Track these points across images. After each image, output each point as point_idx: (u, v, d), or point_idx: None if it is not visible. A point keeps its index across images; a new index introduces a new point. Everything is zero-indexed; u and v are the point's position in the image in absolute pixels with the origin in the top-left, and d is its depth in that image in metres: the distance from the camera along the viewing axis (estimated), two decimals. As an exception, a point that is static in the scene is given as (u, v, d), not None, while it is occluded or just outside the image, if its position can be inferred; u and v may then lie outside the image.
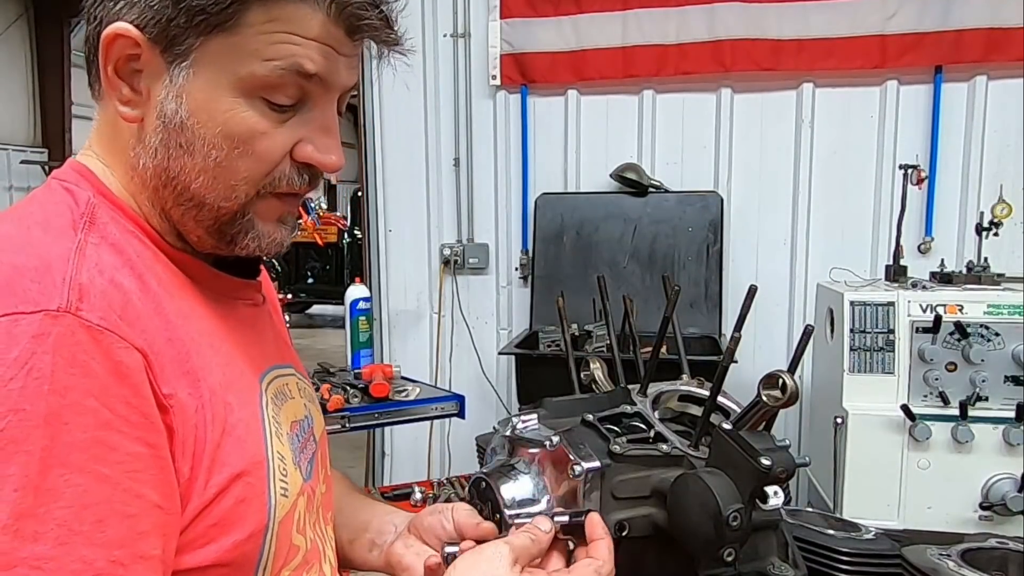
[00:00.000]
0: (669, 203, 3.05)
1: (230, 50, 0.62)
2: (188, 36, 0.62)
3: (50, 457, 0.51)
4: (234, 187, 0.66)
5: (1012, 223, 2.62)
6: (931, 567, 1.02)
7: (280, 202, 0.70)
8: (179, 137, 0.64)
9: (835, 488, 2.14)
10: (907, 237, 2.66)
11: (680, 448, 0.87)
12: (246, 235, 0.69)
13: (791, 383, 0.79)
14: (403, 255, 3.46)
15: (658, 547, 0.85)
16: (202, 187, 0.66)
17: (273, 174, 0.67)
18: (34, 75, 5.58)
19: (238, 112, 0.64)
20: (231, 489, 0.62)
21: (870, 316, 2.16)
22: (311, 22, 0.62)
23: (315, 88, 0.66)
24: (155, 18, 0.61)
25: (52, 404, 0.51)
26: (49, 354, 0.52)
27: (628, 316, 1.29)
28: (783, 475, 0.77)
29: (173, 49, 0.62)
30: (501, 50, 3.19)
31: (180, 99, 0.63)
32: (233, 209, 0.67)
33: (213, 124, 0.64)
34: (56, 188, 0.68)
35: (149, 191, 0.68)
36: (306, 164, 0.69)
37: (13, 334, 0.52)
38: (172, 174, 0.66)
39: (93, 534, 0.51)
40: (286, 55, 0.62)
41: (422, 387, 2.47)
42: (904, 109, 2.87)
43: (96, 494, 0.52)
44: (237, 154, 0.65)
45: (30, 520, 0.49)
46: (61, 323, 0.53)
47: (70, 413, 0.52)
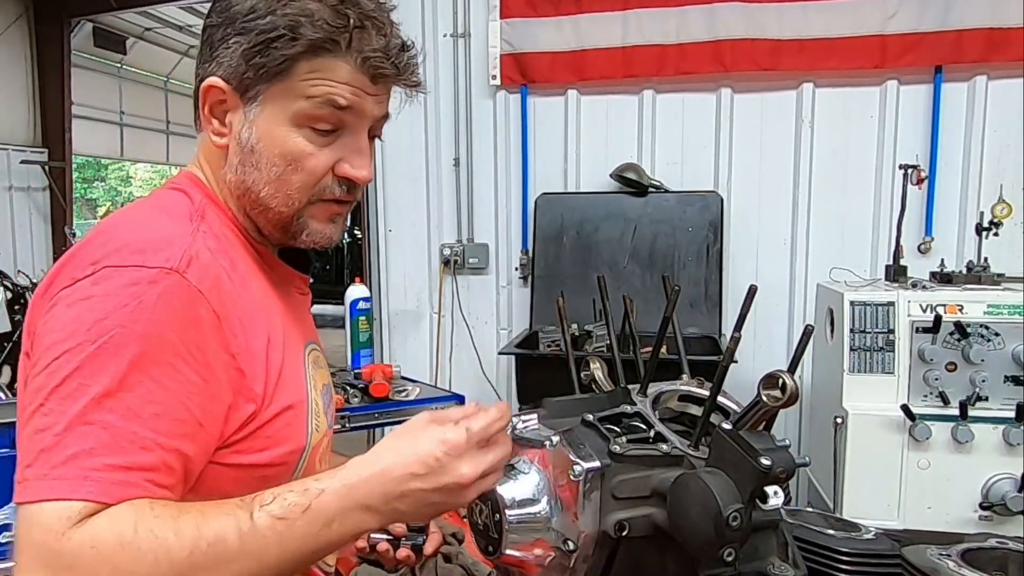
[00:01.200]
0: (669, 203, 3.05)
1: (285, 92, 0.86)
2: (257, 84, 0.86)
3: (136, 363, 0.72)
4: (290, 195, 0.89)
5: (1012, 223, 2.63)
6: (931, 567, 1.02)
7: (328, 206, 0.92)
8: (251, 158, 0.88)
9: (835, 488, 2.14)
10: (907, 237, 2.66)
11: (680, 448, 0.87)
12: (303, 232, 0.92)
13: (791, 383, 0.78)
14: (403, 255, 3.47)
15: (658, 547, 0.85)
16: (267, 195, 0.89)
17: (319, 185, 0.90)
18: (34, 75, 5.57)
19: (292, 138, 0.87)
20: (283, 415, 0.87)
21: (870, 316, 2.16)
22: (341, 71, 0.85)
23: (349, 118, 0.88)
24: (234, 73, 0.86)
25: (147, 328, 0.73)
26: (155, 296, 0.74)
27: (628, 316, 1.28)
28: (783, 475, 0.77)
29: (247, 93, 0.87)
30: (501, 50, 3.20)
31: (252, 129, 0.87)
32: (291, 213, 0.90)
33: (274, 147, 0.87)
34: (175, 190, 0.91)
35: (235, 198, 0.92)
36: (344, 177, 0.91)
37: (135, 278, 0.74)
38: (247, 185, 0.89)
39: (148, 421, 0.72)
40: (323, 93, 0.85)
41: (422, 387, 2.47)
42: (904, 109, 2.87)
43: (159, 396, 0.73)
44: (291, 170, 0.88)
45: (109, 399, 0.71)
46: (170, 278, 0.76)
47: (156, 339, 0.74)
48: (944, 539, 1.14)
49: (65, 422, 0.69)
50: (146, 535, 0.68)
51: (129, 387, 0.72)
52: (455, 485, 0.77)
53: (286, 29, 0.83)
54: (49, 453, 0.69)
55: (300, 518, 0.73)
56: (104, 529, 0.67)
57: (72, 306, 0.74)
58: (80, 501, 0.68)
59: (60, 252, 5.42)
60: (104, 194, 19.39)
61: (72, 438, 0.69)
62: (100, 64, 9.40)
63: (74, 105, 5.93)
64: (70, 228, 5.66)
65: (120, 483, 0.70)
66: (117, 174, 19.33)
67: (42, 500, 0.68)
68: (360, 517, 0.76)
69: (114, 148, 10.97)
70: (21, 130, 5.54)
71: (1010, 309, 2.05)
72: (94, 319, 0.72)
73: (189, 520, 0.70)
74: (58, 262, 0.81)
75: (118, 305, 0.73)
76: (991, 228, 2.49)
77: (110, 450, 0.70)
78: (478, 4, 3.24)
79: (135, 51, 9.84)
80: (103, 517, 0.68)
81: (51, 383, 0.71)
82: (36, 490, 0.68)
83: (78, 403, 0.70)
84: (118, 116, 10.54)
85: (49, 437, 0.69)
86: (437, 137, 3.38)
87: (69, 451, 0.69)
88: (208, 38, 0.89)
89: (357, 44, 0.85)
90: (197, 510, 0.71)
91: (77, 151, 7.22)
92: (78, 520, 0.67)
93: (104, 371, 0.71)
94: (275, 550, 0.72)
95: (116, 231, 0.80)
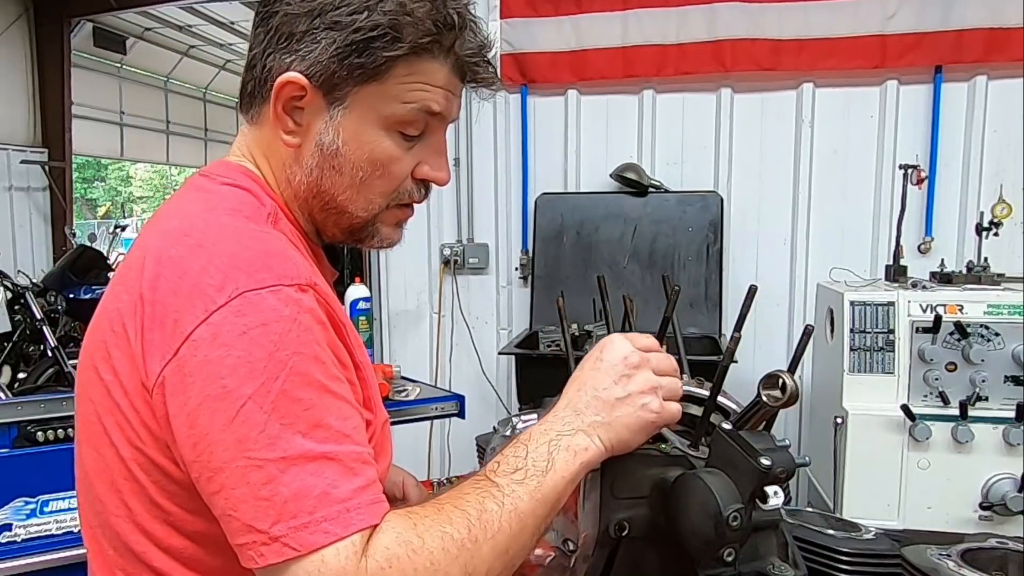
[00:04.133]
0: (669, 203, 3.05)
1: (378, 95, 0.81)
2: (347, 84, 0.80)
3: (321, 385, 0.71)
4: (371, 200, 0.86)
5: (1012, 223, 2.63)
6: (931, 567, 1.02)
7: (399, 211, 0.90)
8: (333, 160, 0.83)
9: (835, 488, 2.14)
10: (907, 237, 2.66)
11: (680, 448, 0.87)
12: (373, 237, 0.90)
13: (791, 383, 0.78)
14: (403, 255, 3.46)
15: (658, 547, 0.85)
16: (347, 200, 0.86)
17: (399, 189, 0.87)
18: (34, 75, 5.57)
19: (381, 142, 0.83)
20: (384, 430, 0.87)
21: (870, 316, 2.16)
22: (439, 74, 0.82)
23: (435, 121, 0.86)
24: (323, 71, 0.79)
25: (314, 349, 0.71)
26: (307, 313, 0.72)
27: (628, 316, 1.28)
28: (783, 475, 0.77)
29: (334, 93, 0.81)
30: (501, 50, 3.19)
31: (337, 132, 0.82)
32: (368, 218, 0.88)
33: (361, 151, 0.83)
34: (235, 187, 0.84)
35: (300, 200, 0.87)
36: (423, 180, 0.88)
37: (282, 299, 0.71)
38: (323, 188, 0.85)
39: (354, 437, 0.71)
40: (420, 99, 0.82)
41: (422, 387, 2.46)
42: (904, 109, 2.87)
43: (347, 411, 0.72)
44: (377, 175, 0.85)
45: (319, 429, 0.69)
46: (308, 293, 0.73)
47: (325, 356, 0.72)
48: (944, 539, 1.14)
49: (293, 467, 0.67)
50: (428, 534, 0.68)
51: (327, 410, 0.70)
52: (640, 382, 0.79)
53: (389, 28, 0.77)
54: (295, 502, 0.66)
55: (527, 464, 0.75)
56: (391, 546, 0.67)
57: (230, 345, 0.68)
58: (356, 534, 0.66)
59: (60, 252, 5.44)
60: (104, 194, 19.39)
61: (309, 479, 0.67)
62: (100, 64, 9.40)
63: (74, 105, 5.94)
64: (70, 228, 5.66)
65: (373, 502, 0.69)
66: (117, 174, 19.34)
67: (319, 548, 0.65)
68: (570, 441, 0.77)
69: (114, 148, 10.97)
70: (21, 130, 5.54)
71: (1010, 309, 2.05)
72: (266, 354, 0.68)
73: (449, 507, 0.71)
74: (143, 280, 0.74)
75: (283, 333, 0.69)
76: (991, 228, 2.48)
77: (348, 476, 0.68)
78: (478, 4, 3.23)
79: (135, 51, 9.84)
80: (382, 537, 0.67)
81: (253, 432, 0.67)
82: (305, 541, 0.65)
83: (293, 443, 0.67)
84: (118, 116, 10.54)
85: (283, 487, 0.66)
86: (437, 137, 3.38)
87: (316, 492, 0.66)
88: (283, 27, 0.81)
89: (458, 46, 0.82)
90: (447, 498, 0.73)
91: (77, 151, 7.22)
92: (362, 552, 0.66)
93: (301, 403, 0.68)
94: (526, 499, 0.73)
95: (215, 244, 0.74)
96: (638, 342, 0.83)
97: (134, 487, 0.77)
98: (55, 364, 3.95)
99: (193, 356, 0.69)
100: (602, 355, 0.81)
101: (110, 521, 0.79)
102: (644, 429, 0.80)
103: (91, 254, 4.99)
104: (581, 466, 0.76)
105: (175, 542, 0.77)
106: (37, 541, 2.01)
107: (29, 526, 2.01)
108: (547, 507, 0.74)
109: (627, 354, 0.80)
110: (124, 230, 6.64)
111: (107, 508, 0.79)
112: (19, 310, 4.08)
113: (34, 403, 2.09)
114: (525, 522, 0.73)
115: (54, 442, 2.04)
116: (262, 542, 0.66)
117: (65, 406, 2.05)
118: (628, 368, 0.80)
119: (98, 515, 0.81)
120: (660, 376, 0.81)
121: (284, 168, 0.86)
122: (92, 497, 0.81)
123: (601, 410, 0.78)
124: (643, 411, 0.79)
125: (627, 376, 0.80)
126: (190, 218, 0.80)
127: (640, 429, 0.79)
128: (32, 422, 2.04)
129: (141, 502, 0.77)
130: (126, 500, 0.77)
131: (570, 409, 0.79)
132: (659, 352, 0.84)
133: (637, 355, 0.81)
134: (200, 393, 0.68)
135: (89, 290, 4.59)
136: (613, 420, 0.78)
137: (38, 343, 4.12)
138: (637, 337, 0.84)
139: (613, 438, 0.78)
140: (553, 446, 0.76)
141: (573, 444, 0.76)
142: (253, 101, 0.86)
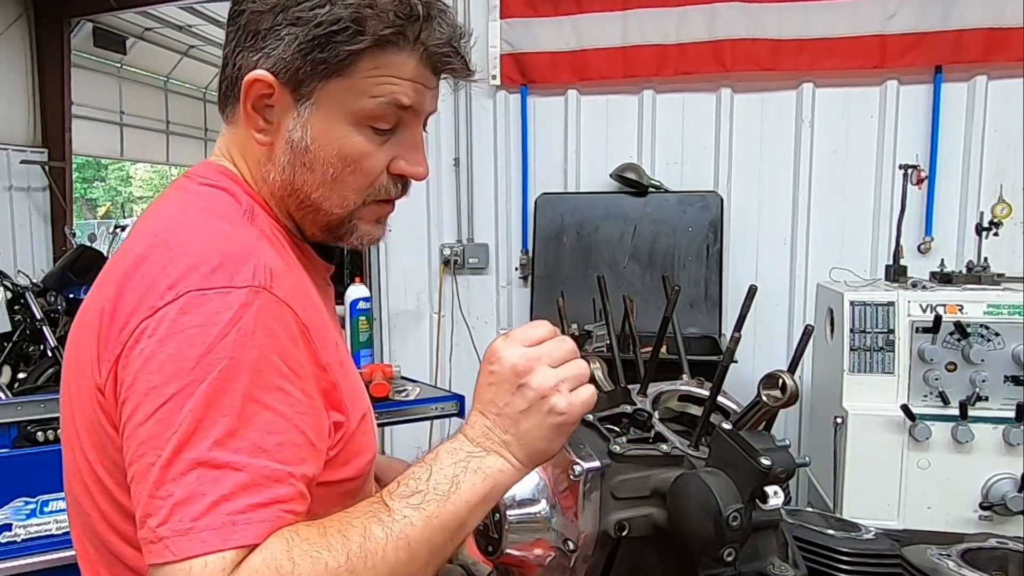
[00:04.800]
0: (669, 203, 3.05)
1: (345, 90, 0.79)
2: (313, 80, 0.79)
3: (249, 395, 0.68)
4: (345, 196, 0.84)
5: (1012, 223, 2.63)
6: (931, 567, 1.02)
7: (378, 207, 0.88)
8: (303, 158, 0.82)
9: (835, 488, 2.14)
10: (907, 237, 2.66)
11: (680, 448, 0.87)
12: (351, 234, 0.88)
13: (791, 383, 0.79)
14: (403, 255, 3.46)
15: (658, 547, 0.85)
16: (320, 197, 0.84)
17: (375, 185, 0.85)
18: (34, 75, 5.56)
19: (350, 138, 0.81)
20: (361, 425, 0.84)
21: (870, 316, 2.16)
22: (407, 66, 0.80)
23: (407, 115, 0.83)
24: (287, 68, 0.78)
25: (253, 355, 0.69)
26: (252, 318, 0.69)
27: (628, 316, 1.29)
28: (783, 475, 0.77)
29: (300, 90, 0.80)
30: (501, 50, 3.20)
31: (305, 128, 0.81)
32: (344, 215, 0.85)
33: (331, 148, 0.81)
34: (213, 187, 0.84)
35: (277, 198, 0.86)
36: (399, 175, 0.86)
37: (227, 301, 0.69)
38: (296, 186, 0.84)
39: (274, 452, 0.68)
40: (388, 93, 0.80)
41: (422, 387, 2.46)
42: (904, 109, 2.87)
43: (278, 425, 0.69)
44: (349, 171, 0.82)
45: (233, 439, 0.67)
46: (261, 296, 0.71)
47: (264, 364, 0.69)
48: (944, 539, 1.14)
49: (194, 470, 0.65)
50: (301, 560, 0.65)
51: (249, 421, 0.68)
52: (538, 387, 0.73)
53: (351, 21, 0.76)
54: (185, 506, 0.64)
55: (427, 487, 0.70)
56: (261, 567, 0.64)
57: (165, 341, 0.68)
58: (232, 550, 0.64)
59: (60, 252, 5.44)
60: (104, 194, 19.39)
61: (205, 485, 0.65)
62: (100, 64, 9.39)
63: (74, 105, 5.93)
64: (70, 228, 5.66)
65: (265, 521, 0.66)
66: (117, 174, 19.33)
67: (190, 557, 0.63)
68: (480, 463, 0.72)
69: (114, 148, 10.96)
70: (21, 130, 5.53)
71: (1010, 309, 2.05)
72: (197, 355, 0.67)
73: (333, 531, 0.68)
74: (113, 281, 0.74)
75: (218, 336, 0.68)
76: (991, 228, 2.49)
77: (248, 490, 0.66)
78: (478, 4, 3.24)
79: (135, 51, 9.83)
80: (256, 557, 0.65)
81: (167, 431, 0.66)
82: (183, 547, 0.64)
83: (202, 448, 0.66)
84: (118, 116, 10.53)
85: (179, 488, 0.65)
86: (437, 137, 3.38)
87: (207, 499, 0.65)
88: (250, 25, 0.80)
89: (424, 37, 0.79)
90: (335, 519, 0.69)
91: (77, 151, 7.21)
92: (232, 568, 0.64)
93: (221, 409, 0.67)
94: (420, 526, 0.69)
95: (180, 245, 0.73)
96: (526, 336, 0.76)
97: (101, 488, 0.77)
98: (55, 364, 3.95)
99: (133, 348, 0.69)
100: (492, 368, 0.75)
101: (88, 521, 0.80)
102: (559, 432, 0.74)
103: (91, 254, 4.98)
104: (493, 489, 0.73)
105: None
106: (37, 541, 2.01)
107: (29, 526, 2.01)
108: (445, 535, 0.70)
109: (514, 361, 0.74)
110: (124, 230, 6.62)
111: (84, 508, 0.80)
112: (19, 310, 4.07)
113: (34, 403, 2.09)
114: (415, 551, 0.69)
115: (54, 442, 2.04)
116: (150, 539, 0.65)
117: (65, 406, 2.05)
118: (520, 376, 0.74)
119: (79, 516, 0.82)
120: (558, 368, 0.75)
121: (259, 167, 0.86)
122: (72, 498, 0.83)
123: (509, 427, 0.74)
124: (551, 416, 0.73)
125: (523, 384, 0.73)
126: (165, 219, 0.80)
127: (555, 434, 0.74)
128: (32, 422, 2.04)
129: (109, 502, 0.77)
130: (97, 501, 0.78)
131: (478, 428, 0.75)
132: (550, 339, 0.76)
133: (524, 358, 0.74)
134: (131, 385, 0.69)
135: (89, 290, 4.59)
136: (522, 434, 0.74)
137: (38, 343, 4.11)
138: (520, 334, 0.77)
139: (529, 453, 0.74)
140: (460, 467, 0.72)
141: (484, 466, 0.73)
142: (227, 101, 0.86)
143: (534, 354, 0.75)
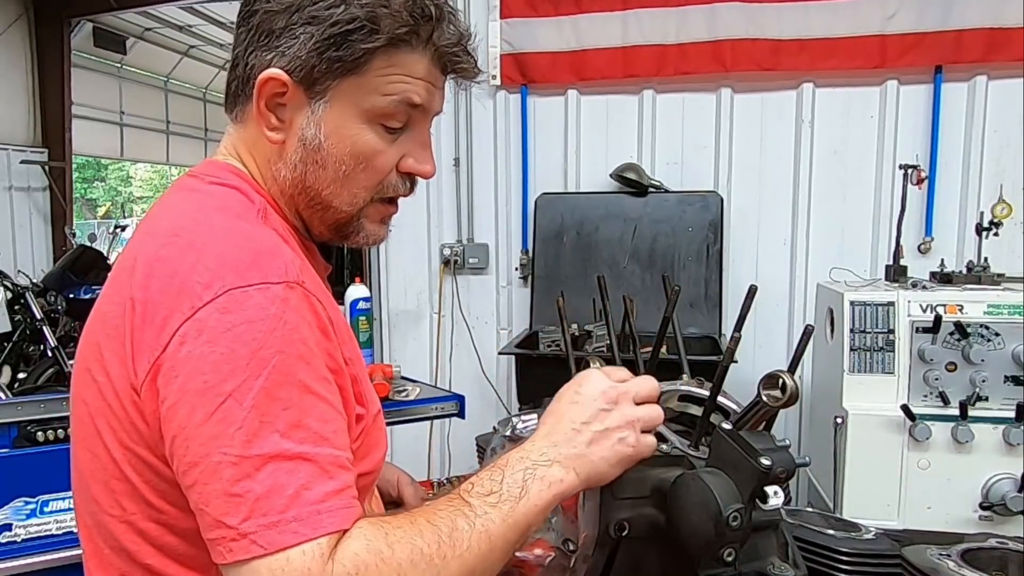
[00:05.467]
0: (669, 203, 3.05)
1: (358, 88, 0.82)
2: (327, 79, 0.81)
3: (304, 386, 0.71)
4: (355, 194, 0.86)
5: (1012, 223, 2.63)
6: (931, 567, 1.02)
7: (383, 207, 0.90)
8: (316, 155, 0.84)
9: (835, 488, 2.14)
10: (907, 237, 2.66)
11: (680, 448, 0.87)
12: (357, 233, 0.90)
13: (791, 383, 0.79)
14: (403, 255, 3.46)
15: (658, 547, 0.85)
16: (331, 194, 0.86)
17: (384, 183, 0.87)
18: (34, 75, 5.57)
19: (363, 136, 0.83)
20: (376, 421, 0.87)
21: (870, 316, 2.16)
22: (419, 66, 0.83)
23: (417, 114, 0.86)
24: (302, 66, 0.80)
25: (300, 348, 0.71)
26: (293, 312, 0.72)
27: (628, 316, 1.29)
28: (783, 475, 0.77)
29: (314, 88, 0.81)
30: (501, 50, 3.19)
31: (319, 126, 0.83)
32: (352, 212, 0.87)
33: (343, 145, 0.83)
34: (224, 186, 0.85)
35: (286, 196, 0.88)
36: (408, 173, 0.88)
37: (268, 297, 0.71)
38: (308, 184, 0.85)
39: (333, 439, 0.71)
40: (400, 91, 0.82)
41: (422, 387, 2.46)
42: (904, 109, 2.86)
43: (330, 413, 0.72)
44: (360, 168, 0.85)
45: (298, 430, 0.69)
46: (295, 291, 0.73)
47: (310, 356, 0.72)
48: (944, 539, 1.14)
49: (268, 464, 0.67)
50: (398, 544, 0.68)
51: (308, 411, 0.70)
52: (619, 416, 0.80)
53: (366, 20, 0.78)
54: (268, 499, 0.66)
55: (501, 488, 0.75)
56: (360, 552, 0.67)
57: (214, 341, 0.69)
58: (324, 536, 0.66)
59: (60, 252, 5.44)
60: (104, 194, 19.39)
61: (282, 477, 0.67)
62: (100, 64, 9.39)
63: (74, 105, 5.94)
64: (70, 228, 5.66)
65: (345, 507, 0.69)
66: (117, 174, 19.33)
67: (286, 548, 0.65)
68: (545, 471, 0.77)
69: (114, 148, 10.97)
70: (21, 130, 5.54)
71: (1010, 309, 2.05)
72: (249, 351, 0.69)
73: (422, 520, 0.71)
74: (134, 280, 0.75)
75: (267, 331, 0.69)
76: (991, 228, 2.48)
77: (321, 479, 0.68)
78: (478, 4, 3.24)
79: (135, 51, 9.84)
80: (352, 543, 0.67)
81: (230, 428, 0.67)
82: (273, 540, 0.65)
83: (271, 441, 0.67)
84: (118, 116, 10.54)
85: (256, 484, 0.66)
86: (437, 137, 3.38)
87: (288, 491, 0.66)
88: (263, 25, 0.82)
89: (436, 37, 0.82)
90: (420, 512, 0.73)
91: (77, 151, 7.22)
92: (329, 555, 0.66)
93: (281, 402, 0.69)
94: (498, 522, 0.73)
95: (205, 244, 0.75)
96: (614, 376, 0.84)
97: (127, 487, 0.77)
98: (55, 364, 3.95)
99: (178, 351, 0.70)
100: (580, 389, 0.82)
101: (105, 521, 0.80)
102: (621, 463, 0.81)
103: (91, 254, 4.98)
104: (554, 497, 0.77)
105: (168, 540, 0.77)
106: (37, 541, 2.01)
107: (29, 526, 2.01)
108: (517, 532, 0.75)
109: (605, 389, 0.82)
110: (124, 230, 6.62)
111: (102, 508, 0.79)
112: (19, 310, 4.07)
113: (34, 403, 2.09)
114: (494, 544, 0.73)
115: (54, 442, 2.04)
116: (231, 538, 0.66)
117: (65, 406, 2.05)
118: (607, 403, 0.81)
119: (93, 515, 0.81)
120: (639, 405, 0.83)
121: (269, 165, 0.87)
122: (87, 497, 0.82)
123: (579, 443, 0.79)
124: (620, 445, 0.80)
125: (606, 411, 0.80)
126: (180, 218, 0.81)
127: (617, 463, 0.80)
128: (32, 422, 2.04)
129: (134, 502, 0.77)
130: (120, 500, 0.78)
131: (548, 440, 0.79)
132: (637, 379, 0.85)
133: (615, 390, 0.82)
134: (182, 388, 0.69)
135: (89, 290, 4.59)
136: (590, 453, 0.79)
137: (38, 343, 4.12)
138: (613, 371, 0.86)
139: (590, 471, 0.79)
140: (528, 475, 0.76)
141: (548, 475, 0.77)
142: (237, 100, 0.88)
143: (623, 388, 0.82)
